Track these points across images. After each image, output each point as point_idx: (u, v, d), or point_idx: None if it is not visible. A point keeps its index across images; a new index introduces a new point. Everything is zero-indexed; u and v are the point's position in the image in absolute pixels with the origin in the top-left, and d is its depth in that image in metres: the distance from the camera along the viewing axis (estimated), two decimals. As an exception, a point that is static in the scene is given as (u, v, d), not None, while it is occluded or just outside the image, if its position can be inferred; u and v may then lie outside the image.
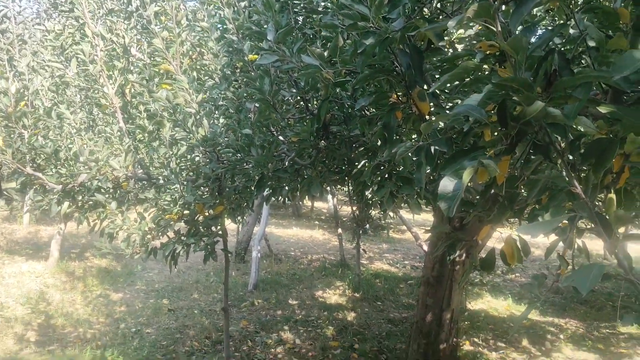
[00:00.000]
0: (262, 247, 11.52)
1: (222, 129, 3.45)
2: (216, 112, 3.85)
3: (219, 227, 3.97)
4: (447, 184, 1.11)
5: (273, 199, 4.03)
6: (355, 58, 1.69)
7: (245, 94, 3.17)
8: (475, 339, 6.35)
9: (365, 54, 1.58)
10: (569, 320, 7.57)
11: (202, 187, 3.88)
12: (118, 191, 3.86)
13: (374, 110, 2.73)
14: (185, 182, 3.70)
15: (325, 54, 2.25)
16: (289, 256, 11.97)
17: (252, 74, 2.91)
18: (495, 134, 1.38)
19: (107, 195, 3.80)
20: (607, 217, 1.09)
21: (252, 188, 3.50)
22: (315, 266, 10.89)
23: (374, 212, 9.16)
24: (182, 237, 3.87)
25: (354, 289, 8.68)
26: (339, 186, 7.04)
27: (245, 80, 2.97)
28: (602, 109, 1.10)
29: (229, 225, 12.48)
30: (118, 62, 3.88)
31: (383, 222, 13.18)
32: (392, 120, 1.92)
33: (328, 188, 10.33)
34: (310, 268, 10.71)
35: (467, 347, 5.98)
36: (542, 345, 6.38)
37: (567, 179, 1.10)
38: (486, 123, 1.16)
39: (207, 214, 3.91)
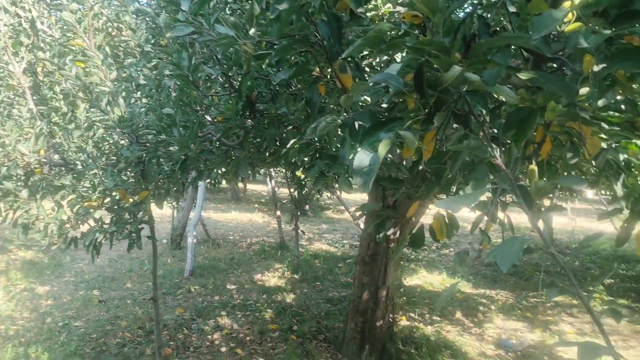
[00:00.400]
0: (200, 232, 11.26)
1: (142, 109, 3.25)
2: (138, 91, 3.63)
3: (144, 214, 3.77)
4: (362, 158, 1.03)
5: (208, 183, 3.87)
6: (271, 26, 1.57)
7: (165, 71, 2.98)
8: (412, 314, 6.47)
9: (280, 21, 1.47)
10: (499, 291, 7.86)
11: (125, 172, 3.68)
12: (30, 178, 3.58)
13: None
14: (105, 167, 3.48)
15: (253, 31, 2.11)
16: (228, 240, 11.77)
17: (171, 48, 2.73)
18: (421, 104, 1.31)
19: (18, 183, 3.51)
20: (529, 188, 1.05)
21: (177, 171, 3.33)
22: (254, 249, 10.76)
23: (312, 193, 9.11)
24: (104, 225, 3.66)
25: (293, 271, 8.64)
26: (272, 167, 6.91)
27: (163, 55, 2.78)
28: (523, 76, 1.05)
29: (164, 211, 12.14)
30: (25, 38, 3.56)
31: (312, 201, 13.14)
32: (315, 95, 1.82)
33: (262, 170, 10.18)
34: (249, 252, 10.57)
35: (403, 322, 6.07)
36: (475, 316, 6.58)
37: (488, 149, 1.05)
38: (404, 92, 1.08)
39: (130, 200, 3.71)
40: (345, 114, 2.50)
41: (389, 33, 1.06)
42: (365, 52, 3.15)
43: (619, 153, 1.75)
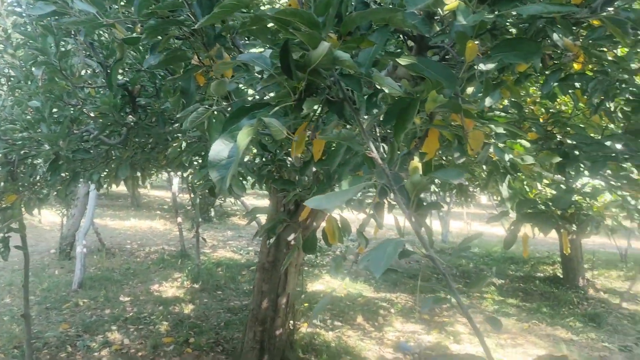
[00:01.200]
0: (93, 241, 10.51)
1: (8, 102, 2.89)
2: (7, 83, 3.25)
3: (13, 220, 3.37)
4: (220, 148, 0.88)
5: (96, 187, 3.54)
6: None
7: (31, 59, 2.65)
8: (314, 321, 6.38)
9: (142, -5, 1.29)
10: (399, 294, 8.02)
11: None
12: None
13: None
14: (-37, 167, 3.06)
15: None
16: (124, 249, 11.08)
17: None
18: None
19: None
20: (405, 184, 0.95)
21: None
22: (152, 259, 10.21)
23: (200, 196, 8.77)
24: (-37, 233, 3.23)
25: (193, 280, 8.27)
26: (167, 170, 6.55)
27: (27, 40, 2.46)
28: (402, 61, 0.95)
29: (54, 219, 11.16)
30: None
31: (215, 207, 12.77)
32: (191, 84, 1.64)
33: (168, 172, 9.69)
34: (147, 261, 10.02)
35: (304, 329, 5.97)
36: (375, 320, 6.63)
37: (364, 141, 0.94)
38: (274, 75, 0.95)
39: (-4, 204, 3.30)
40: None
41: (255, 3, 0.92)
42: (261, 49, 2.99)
43: (505, 153, 1.74)
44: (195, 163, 3.44)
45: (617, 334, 6.55)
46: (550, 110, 3.61)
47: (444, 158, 3.30)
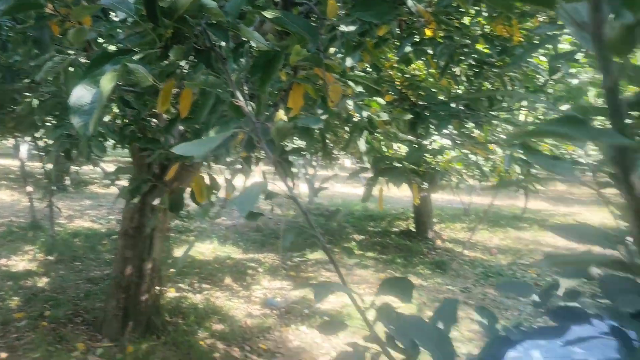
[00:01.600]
0: None
1: None
2: None
3: None
4: (82, 93, 0.86)
5: None
6: None
7: None
8: (181, 285, 6.33)
9: None
10: (267, 254, 8.22)
11: None
12: None
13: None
14: None
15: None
16: (-38, 224, 9.92)
17: None
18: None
19: None
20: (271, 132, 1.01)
21: None
22: (-1, 232, 9.28)
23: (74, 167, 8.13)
24: None
25: (47, 252, 7.69)
26: (16, 134, 5.96)
27: None
28: (268, 14, 0.99)
29: None
30: None
31: (71, 175, 11.88)
32: (44, 34, 1.53)
33: (14, 137, 8.76)
34: (-7, 234, 9.08)
35: (171, 294, 5.90)
36: (244, 280, 6.76)
37: (231, 90, 0.98)
38: (137, 22, 0.94)
39: None
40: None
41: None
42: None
43: (363, 110, 1.87)
44: (48, 124, 3.17)
45: (459, 278, 7.40)
46: (406, 75, 3.90)
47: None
